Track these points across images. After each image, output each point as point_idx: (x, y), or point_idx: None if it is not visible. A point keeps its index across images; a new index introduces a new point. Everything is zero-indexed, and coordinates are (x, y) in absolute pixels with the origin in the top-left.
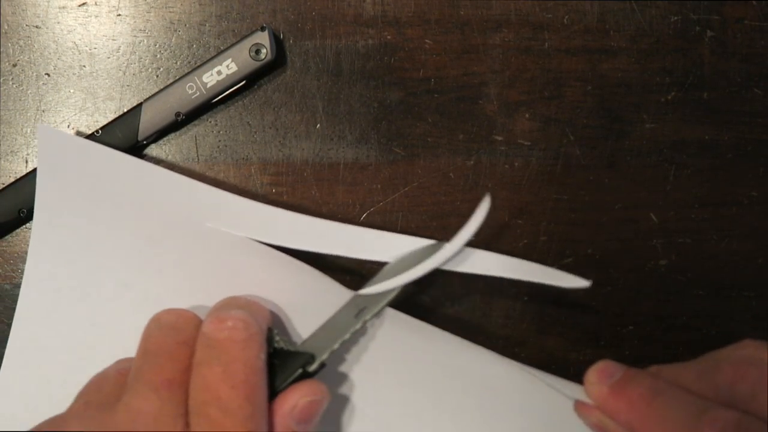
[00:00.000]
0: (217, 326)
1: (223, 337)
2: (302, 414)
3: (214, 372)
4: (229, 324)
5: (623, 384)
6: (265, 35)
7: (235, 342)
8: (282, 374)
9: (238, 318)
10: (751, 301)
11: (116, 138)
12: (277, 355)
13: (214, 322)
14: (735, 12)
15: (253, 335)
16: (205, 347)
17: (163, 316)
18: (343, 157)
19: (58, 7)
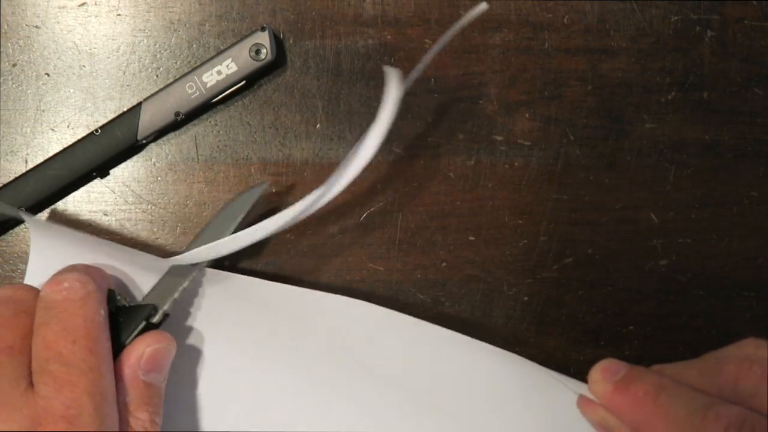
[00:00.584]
0: (54, 288)
1: (61, 298)
2: (149, 363)
3: (53, 330)
4: (65, 285)
5: (627, 381)
6: (265, 35)
7: (73, 300)
8: (127, 329)
9: (74, 278)
10: (751, 301)
11: (115, 137)
12: (120, 313)
13: (51, 284)
14: (735, 12)
15: (90, 293)
16: (44, 309)
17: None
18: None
19: (57, 6)
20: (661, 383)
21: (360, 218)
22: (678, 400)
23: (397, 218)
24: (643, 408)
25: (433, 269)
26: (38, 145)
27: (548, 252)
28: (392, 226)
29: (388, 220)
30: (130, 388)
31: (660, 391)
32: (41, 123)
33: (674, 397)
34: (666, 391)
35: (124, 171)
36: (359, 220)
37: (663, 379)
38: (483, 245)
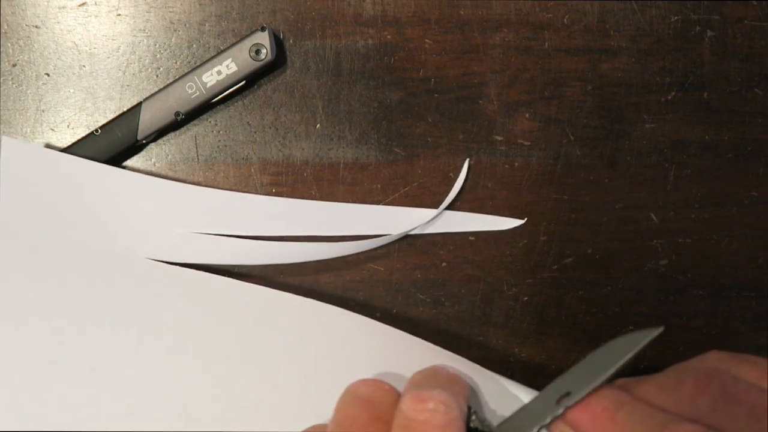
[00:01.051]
0: (417, 406)
1: (423, 419)
2: None
3: None
4: (430, 405)
5: (587, 397)
6: (265, 35)
7: (435, 426)
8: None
9: (439, 400)
10: (751, 301)
11: (115, 137)
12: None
13: (413, 400)
14: (735, 12)
15: (453, 420)
16: (403, 428)
17: (359, 388)
18: (343, 157)
19: (57, 7)
20: (619, 399)
21: None
22: (635, 417)
23: None
24: (601, 425)
25: (433, 269)
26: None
27: (548, 252)
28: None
29: None
30: None
31: (618, 407)
32: (41, 123)
33: (631, 414)
34: (624, 407)
35: None
36: None
37: (622, 395)
38: (483, 245)
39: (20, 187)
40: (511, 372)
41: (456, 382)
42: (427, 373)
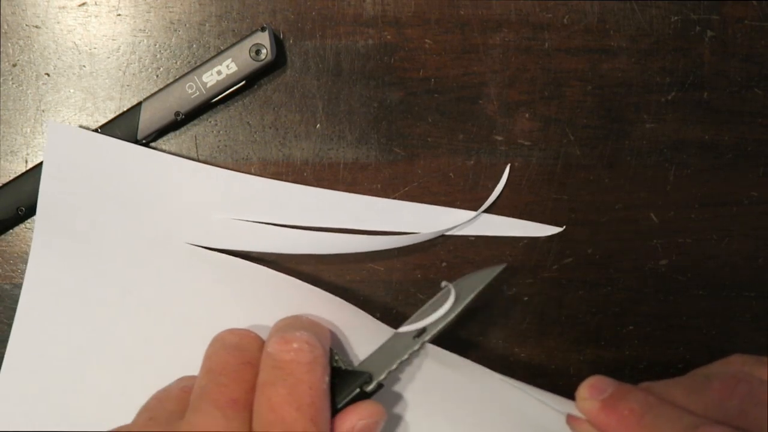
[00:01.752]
0: (283, 347)
1: (289, 359)
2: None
3: (279, 393)
4: (294, 345)
5: (614, 400)
6: (265, 35)
7: (301, 364)
8: (340, 394)
9: (303, 339)
10: (751, 301)
11: (115, 137)
12: (336, 375)
13: (279, 342)
14: (735, 12)
15: (317, 357)
16: (271, 368)
17: (226, 336)
18: (343, 157)
19: (57, 7)
20: (647, 402)
21: None
22: (664, 419)
23: None
24: (628, 427)
25: (433, 269)
26: (38, 145)
27: (548, 252)
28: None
29: None
30: None
31: (646, 410)
32: (41, 123)
33: (660, 417)
34: (652, 410)
35: None
36: None
37: (649, 397)
38: (483, 245)
39: (64, 170)
40: (512, 372)
41: (317, 326)
42: (289, 320)
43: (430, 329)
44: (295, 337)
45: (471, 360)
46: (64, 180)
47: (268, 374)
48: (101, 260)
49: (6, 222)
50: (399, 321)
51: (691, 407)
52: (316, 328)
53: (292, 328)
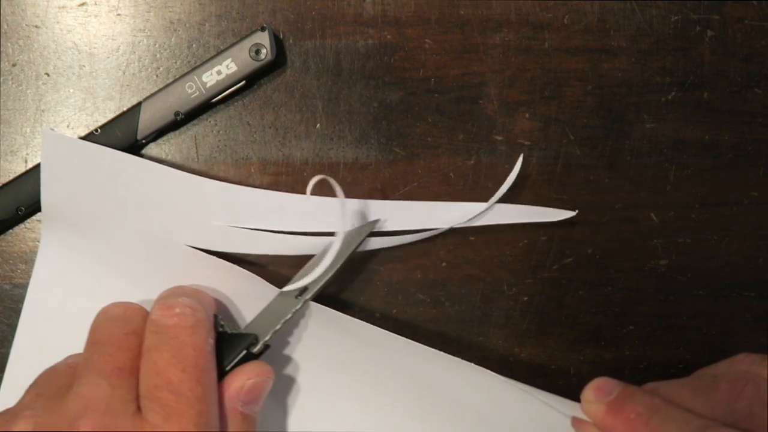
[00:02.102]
0: (166, 312)
1: (172, 323)
2: (248, 395)
3: (164, 357)
4: (177, 310)
5: (620, 402)
6: (265, 35)
7: (184, 327)
8: (228, 356)
9: (185, 304)
10: (751, 301)
11: (115, 137)
12: (222, 339)
13: (162, 308)
14: (735, 12)
15: (200, 320)
16: (154, 333)
17: (110, 309)
18: (343, 157)
19: (57, 6)
20: (653, 404)
21: None
22: (671, 422)
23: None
24: (635, 430)
25: (433, 269)
26: (38, 145)
27: (548, 252)
28: None
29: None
30: (229, 419)
31: (653, 412)
32: (41, 123)
33: (667, 420)
34: (659, 413)
35: None
36: None
37: (656, 399)
38: (483, 245)
39: (62, 176)
40: (512, 372)
41: (199, 293)
42: (172, 289)
43: (311, 287)
44: (177, 302)
45: (472, 362)
46: (63, 184)
47: (153, 340)
48: (107, 257)
49: (6, 222)
50: (399, 321)
51: (698, 409)
52: (199, 295)
53: (175, 295)
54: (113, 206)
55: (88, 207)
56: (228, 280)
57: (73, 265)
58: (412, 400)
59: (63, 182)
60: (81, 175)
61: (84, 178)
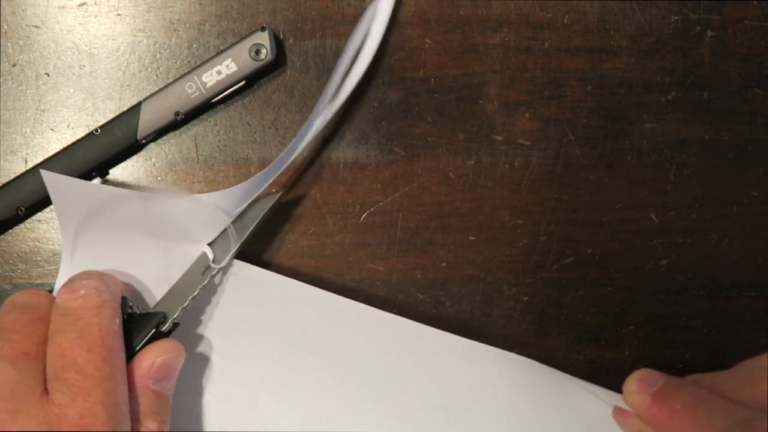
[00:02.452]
0: (70, 296)
1: (77, 305)
2: (159, 372)
3: (69, 338)
4: (81, 292)
5: (665, 393)
6: (265, 35)
7: (89, 308)
8: (137, 336)
9: (90, 286)
10: (751, 301)
11: (115, 137)
12: (131, 320)
13: (67, 292)
14: (735, 12)
15: (106, 301)
16: (60, 317)
17: (16, 297)
18: (343, 157)
19: (57, 6)
20: (699, 395)
21: (360, 218)
22: (717, 413)
23: (397, 218)
24: (681, 421)
25: (433, 269)
26: (38, 145)
27: (548, 252)
28: (392, 226)
29: (388, 220)
30: (140, 397)
31: (699, 403)
32: (41, 123)
33: (714, 411)
34: (705, 404)
35: (123, 171)
36: (359, 220)
37: (701, 391)
38: (483, 245)
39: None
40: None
41: (105, 275)
42: (77, 274)
43: (218, 261)
44: (81, 284)
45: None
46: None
47: (58, 323)
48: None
49: (6, 222)
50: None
51: (744, 401)
52: (105, 278)
53: (79, 278)
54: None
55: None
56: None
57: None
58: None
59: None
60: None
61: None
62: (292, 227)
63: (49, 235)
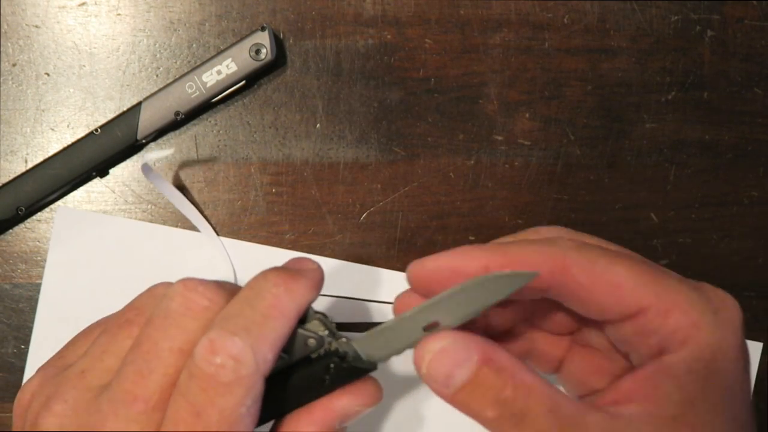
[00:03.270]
0: (208, 356)
1: (209, 372)
2: (348, 418)
3: (187, 412)
4: (217, 360)
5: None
6: (265, 35)
7: (218, 384)
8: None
9: (230, 355)
10: (751, 301)
11: (115, 137)
12: (336, 369)
13: (207, 348)
14: (735, 12)
15: (241, 378)
16: (188, 376)
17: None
18: (343, 157)
19: (57, 6)
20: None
21: (360, 218)
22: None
23: (397, 218)
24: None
25: None
26: (38, 145)
27: None
28: (392, 226)
29: (388, 220)
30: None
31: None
32: (41, 123)
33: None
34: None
35: (124, 171)
36: (359, 220)
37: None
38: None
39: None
40: None
41: (272, 318)
42: (246, 298)
43: (444, 324)
44: (224, 347)
45: None
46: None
47: (183, 382)
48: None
49: (5, 222)
50: None
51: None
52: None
53: (236, 324)
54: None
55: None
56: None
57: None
58: None
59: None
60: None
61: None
62: (292, 227)
63: (49, 235)
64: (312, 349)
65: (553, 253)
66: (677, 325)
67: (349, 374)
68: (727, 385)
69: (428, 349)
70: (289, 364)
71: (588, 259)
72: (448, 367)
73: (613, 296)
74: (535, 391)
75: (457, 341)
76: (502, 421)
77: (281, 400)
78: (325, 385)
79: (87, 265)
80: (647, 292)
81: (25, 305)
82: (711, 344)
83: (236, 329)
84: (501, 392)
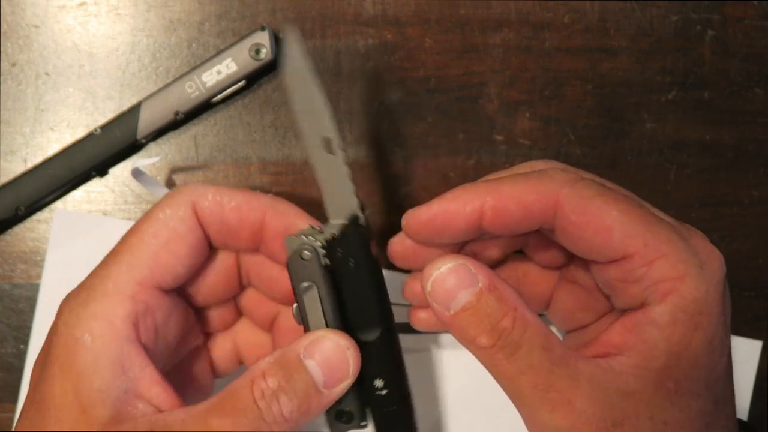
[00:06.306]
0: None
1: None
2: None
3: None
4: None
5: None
6: (265, 35)
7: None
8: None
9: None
10: (751, 301)
11: (115, 137)
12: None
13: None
14: (735, 11)
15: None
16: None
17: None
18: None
19: (57, 6)
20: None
21: None
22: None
23: (397, 218)
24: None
25: None
26: (38, 145)
27: None
28: (392, 225)
29: (388, 220)
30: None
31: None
32: (41, 123)
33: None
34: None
35: (123, 170)
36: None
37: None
38: None
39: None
40: None
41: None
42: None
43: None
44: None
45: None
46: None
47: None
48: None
49: (5, 222)
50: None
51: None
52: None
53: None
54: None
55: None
56: None
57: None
58: None
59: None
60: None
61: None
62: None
63: (48, 235)
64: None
65: (547, 190)
66: (661, 276)
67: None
68: (708, 339)
69: (435, 267)
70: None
71: (582, 197)
72: (453, 288)
73: (601, 238)
74: (532, 326)
75: (465, 264)
76: (495, 351)
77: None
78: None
79: (86, 266)
80: (635, 239)
81: (24, 305)
82: (697, 298)
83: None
84: (499, 321)
